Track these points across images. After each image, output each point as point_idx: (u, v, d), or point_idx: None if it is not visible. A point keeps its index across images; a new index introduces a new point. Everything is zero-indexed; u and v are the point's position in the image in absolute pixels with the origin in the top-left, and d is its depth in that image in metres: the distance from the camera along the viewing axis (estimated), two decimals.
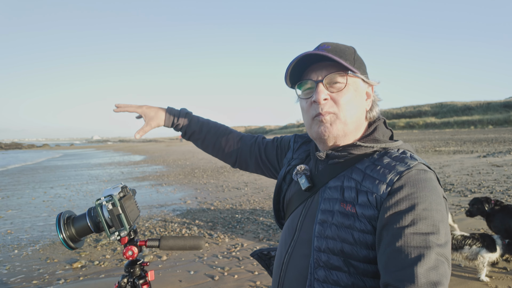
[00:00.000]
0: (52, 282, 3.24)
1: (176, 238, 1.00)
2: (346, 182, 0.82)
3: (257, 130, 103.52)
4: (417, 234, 0.67)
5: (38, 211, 6.49)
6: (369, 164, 0.81)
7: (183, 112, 1.26)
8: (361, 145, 0.84)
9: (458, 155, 12.29)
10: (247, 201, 6.57)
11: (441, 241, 0.67)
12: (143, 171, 12.95)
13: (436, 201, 0.72)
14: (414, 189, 0.72)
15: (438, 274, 0.63)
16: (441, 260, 0.65)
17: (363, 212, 0.76)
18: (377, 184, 0.76)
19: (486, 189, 6.30)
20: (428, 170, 0.77)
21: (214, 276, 3.21)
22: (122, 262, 3.66)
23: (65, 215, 0.94)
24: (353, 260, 0.76)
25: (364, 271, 0.76)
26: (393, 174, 0.75)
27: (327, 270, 0.78)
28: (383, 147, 0.84)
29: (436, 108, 52.33)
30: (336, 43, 0.89)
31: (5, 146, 46.26)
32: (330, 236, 0.78)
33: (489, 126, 34.37)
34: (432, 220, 0.69)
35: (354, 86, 0.85)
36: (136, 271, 1.01)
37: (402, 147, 0.86)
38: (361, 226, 0.75)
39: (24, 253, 4.12)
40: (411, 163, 0.77)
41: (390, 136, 0.93)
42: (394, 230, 0.69)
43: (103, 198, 0.92)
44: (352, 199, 0.78)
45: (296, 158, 1.04)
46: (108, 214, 0.91)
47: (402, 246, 0.67)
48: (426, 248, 0.65)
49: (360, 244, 0.75)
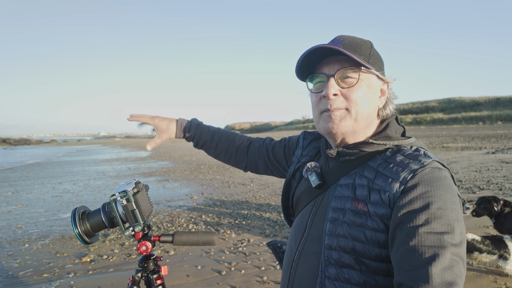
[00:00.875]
0: (62, 275, 3.30)
1: (190, 234, 1.00)
2: (358, 180, 0.80)
3: (262, 127, 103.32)
4: (431, 234, 0.66)
5: (47, 206, 6.59)
6: (381, 161, 0.80)
7: (194, 123, 1.27)
8: (373, 143, 0.82)
9: (466, 152, 12.14)
10: (253, 197, 6.59)
11: (456, 240, 0.66)
12: (149, 167, 13.05)
13: (451, 199, 0.70)
14: (429, 187, 0.71)
15: (453, 274, 0.62)
16: (456, 260, 0.64)
17: (376, 210, 0.75)
18: (390, 182, 0.74)
19: (495, 185, 6.23)
20: (442, 168, 0.76)
21: (221, 271, 3.23)
22: (130, 256, 3.71)
23: (80, 210, 0.95)
24: (365, 258, 0.75)
25: (376, 269, 0.75)
26: (406, 172, 0.74)
27: (338, 268, 0.77)
28: (395, 144, 0.82)
29: (444, 103, 51.66)
30: (353, 37, 0.86)
31: (14, 142, 46.97)
32: (341, 234, 0.78)
33: (498, 122, 33.85)
34: (447, 219, 0.68)
35: (367, 82, 0.83)
36: (150, 265, 1.02)
37: (415, 144, 0.84)
38: (373, 224, 0.74)
39: (35, 247, 4.19)
40: (425, 161, 0.75)
41: (402, 132, 0.91)
42: (408, 229, 0.68)
43: (118, 193, 0.92)
44: (364, 197, 0.77)
45: (305, 155, 1.03)
46: (122, 209, 0.92)
47: (416, 246, 0.66)
48: (440, 247, 0.64)
49: (372, 243, 0.74)
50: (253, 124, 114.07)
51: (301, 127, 64.79)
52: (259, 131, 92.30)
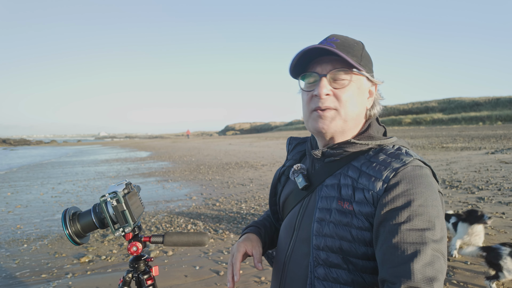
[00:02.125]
0: (60, 276, 3.30)
1: (180, 234, 1.01)
2: (343, 179, 0.82)
3: (262, 127, 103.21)
4: (413, 230, 0.68)
5: (46, 206, 6.59)
6: (364, 161, 0.81)
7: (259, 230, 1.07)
8: (355, 143, 0.84)
9: (465, 152, 12.14)
10: (252, 197, 6.59)
11: (437, 236, 0.68)
12: (149, 167, 13.05)
13: (432, 196, 0.72)
14: (410, 185, 0.72)
15: (434, 270, 0.64)
16: (437, 255, 0.66)
17: (360, 209, 0.76)
18: (373, 181, 0.76)
19: (494, 186, 6.23)
20: (423, 166, 0.77)
21: (219, 272, 3.24)
22: (129, 257, 3.71)
23: (70, 211, 0.96)
24: (352, 257, 0.76)
25: (363, 268, 0.76)
26: (388, 171, 0.75)
27: (327, 268, 0.79)
28: (378, 144, 0.84)
29: (444, 104, 51.64)
30: (346, 37, 0.87)
31: (14, 142, 46.98)
32: (328, 234, 0.79)
33: (498, 122, 33.85)
34: (428, 216, 0.70)
35: (357, 84, 0.85)
36: (140, 266, 1.02)
37: (397, 143, 0.86)
38: (359, 223, 0.76)
39: (33, 247, 4.19)
40: (407, 159, 0.77)
41: (384, 132, 0.92)
42: (391, 226, 0.70)
43: (108, 194, 0.93)
44: (349, 196, 0.78)
45: (290, 159, 1.04)
46: (112, 210, 0.92)
47: (399, 242, 0.68)
48: (422, 244, 0.66)
49: (358, 241, 0.76)
50: (253, 125, 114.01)
51: (301, 127, 64.78)
52: (259, 131, 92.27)
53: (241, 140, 34.02)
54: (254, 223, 1.09)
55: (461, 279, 2.84)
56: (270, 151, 17.63)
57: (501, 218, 4.36)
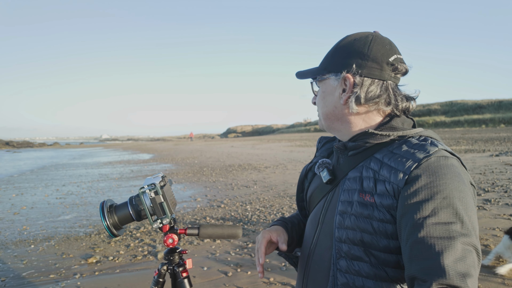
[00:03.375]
0: (68, 276, 3.30)
1: (215, 226, 1.01)
2: (365, 172, 0.81)
3: (264, 129, 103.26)
4: (439, 224, 0.66)
5: (51, 208, 6.61)
6: (387, 153, 0.80)
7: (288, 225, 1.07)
8: (374, 133, 0.81)
9: (469, 154, 12.10)
10: (256, 199, 6.58)
11: (466, 229, 0.65)
12: (152, 169, 13.06)
13: (459, 188, 0.69)
14: (433, 177, 0.70)
15: (466, 265, 0.62)
16: (469, 249, 0.64)
17: (382, 201, 0.75)
18: (394, 172, 0.74)
19: (500, 188, 6.20)
20: (449, 157, 0.74)
21: (227, 273, 3.23)
22: (136, 258, 3.71)
23: (107, 203, 0.96)
24: (374, 250, 0.76)
25: (385, 261, 0.76)
26: (411, 162, 0.73)
27: (349, 260, 0.79)
28: (400, 135, 0.81)
29: (446, 106, 51.49)
30: (347, 40, 0.87)
31: (17, 145, 47.16)
32: (349, 226, 0.79)
33: (501, 125, 33.72)
34: (454, 208, 0.67)
35: (322, 88, 0.92)
36: (175, 258, 1.03)
37: (424, 134, 0.82)
38: (380, 215, 0.75)
39: (40, 248, 4.20)
40: (431, 149, 0.74)
41: (413, 125, 0.89)
42: (415, 220, 0.68)
43: (146, 186, 0.93)
44: (371, 189, 0.78)
45: (318, 156, 1.06)
46: (150, 202, 0.93)
47: (425, 237, 0.65)
48: (450, 238, 0.64)
49: (380, 234, 0.75)
50: (254, 127, 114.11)
51: (303, 130, 64.73)
52: (260, 134, 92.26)
53: (243, 142, 34.03)
54: (281, 218, 1.10)
55: None
56: (273, 154, 17.62)
57: (509, 220, 4.34)
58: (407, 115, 0.91)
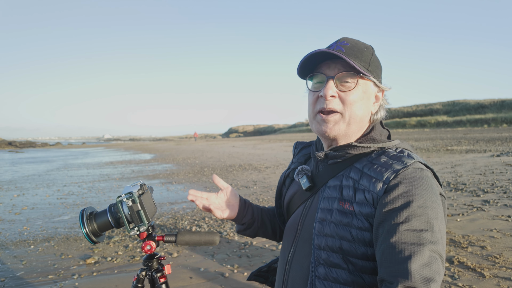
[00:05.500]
0: (67, 277, 3.34)
1: (192, 233, 1.04)
2: (345, 181, 0.83)
3: (266, 129, 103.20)
4: (411, 231, 0.69)
5: (52, 208, 6.65)
6: (366, 163, 0.83)
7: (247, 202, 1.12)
8: (357, 145, 0.85)
9: (470, 154, 12.07)
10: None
11: (435, 238, 0.69)
12: (153, 170, 13.11)
13: (431, 198, 0.73)
14: (410, 187, 0.73)
15: (431, 271, 0.65)
16: (435, 257, 0.67)
17: (361, 210, 0.78)
18: (374, 182, 0.77)
19: (499, 189, 6.19)
20: (424, 169, 0.78)
21: (224, 273, 3.25)
22: (134, 258, 3.74)
23: (87, 211, 0.99)
24: (352, 257, 0.78)
25: (362, 268, 0.78)
26: (389, 172, 0.77)
27: (327, 267, 0.80)
28: (380, 146, 0.86)
29: (448, 106, 51.30)
30: (356, 41, 0.89)
31: (19, 145, 47.39)
32: (329, 234, 0.81)
33: (503, 125, 33.56)
34: (427, 217, 0.70)
35: (363, 88, 0.87)
36: (154, 264, 1.05)
37: (400, 146, 0.87)
38: (359, 223, 0.77)
39: (40, 248, 4.24)
40: (408, 161, 0.78)
41: (388, 136, 0.94)
42: (389, 226, 0.71)
43: (124, 195, 0.96)
44: (350, 197, 0.80)
45: (295, 162, 1.07)
46: (128, 210, 0.95)
47: (396, 242, 0.68)
48: (420, 245, 0.67)
49: (358, 242, 0.77)
50: (256, 127, 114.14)
51: (305, 130, 64.70)
52: (262, 134, 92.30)
53: (245, 142, 34.06)
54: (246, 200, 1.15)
55: (466, 283, 2.83)
56: (274, 154, 17.63)
57: (507, 221, 4.33)
58: (383, 126, 0.95)
